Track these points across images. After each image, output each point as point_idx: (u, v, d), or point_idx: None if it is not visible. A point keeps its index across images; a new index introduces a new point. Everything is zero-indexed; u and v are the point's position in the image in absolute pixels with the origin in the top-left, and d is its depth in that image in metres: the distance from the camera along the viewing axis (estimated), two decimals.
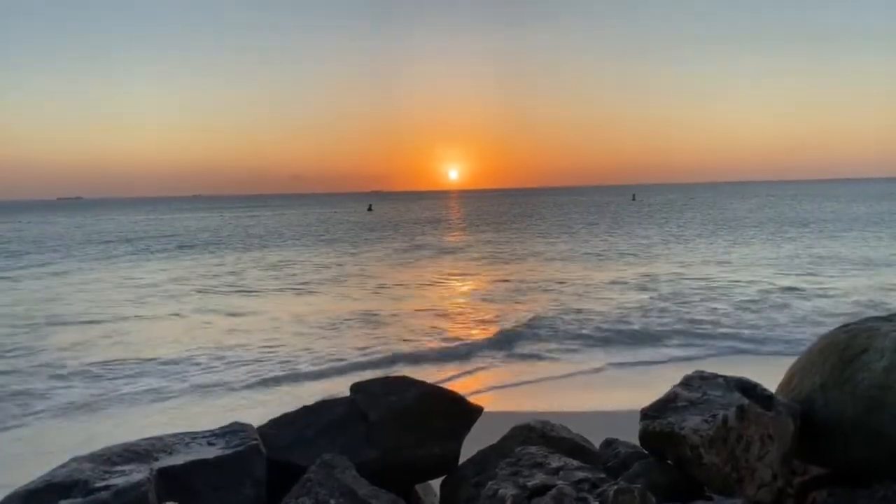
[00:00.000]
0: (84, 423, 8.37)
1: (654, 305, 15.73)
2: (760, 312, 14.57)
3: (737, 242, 32.21)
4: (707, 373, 3.38)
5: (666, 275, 21.15)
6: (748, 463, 2.91)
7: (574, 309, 15.55)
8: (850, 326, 3.48)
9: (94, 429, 8.09)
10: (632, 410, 3.41)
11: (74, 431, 8.06)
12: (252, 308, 17.10)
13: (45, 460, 3.37)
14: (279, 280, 22.85)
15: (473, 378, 10.47)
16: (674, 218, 56.08)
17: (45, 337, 13.67)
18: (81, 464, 2.75)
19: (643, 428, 3.10)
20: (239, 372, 10.55)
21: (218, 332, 13.87)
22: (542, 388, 9.72)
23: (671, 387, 3.28)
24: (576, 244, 34.13)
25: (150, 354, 11.82)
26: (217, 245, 39.57)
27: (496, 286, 20.45)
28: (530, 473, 2.86)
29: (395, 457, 3.32)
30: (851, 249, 26.99)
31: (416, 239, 41.32)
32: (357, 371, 10.42)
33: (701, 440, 2.86)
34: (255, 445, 3.06)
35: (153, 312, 16.64)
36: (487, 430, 3.69)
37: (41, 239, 49.00)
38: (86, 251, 36.82)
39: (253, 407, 8.69)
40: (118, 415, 8.69)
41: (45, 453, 6.68)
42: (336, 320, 14.96)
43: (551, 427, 3.53)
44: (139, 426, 7.94)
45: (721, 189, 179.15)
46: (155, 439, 3.07)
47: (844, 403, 3.12)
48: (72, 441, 7.28)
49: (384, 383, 3.53)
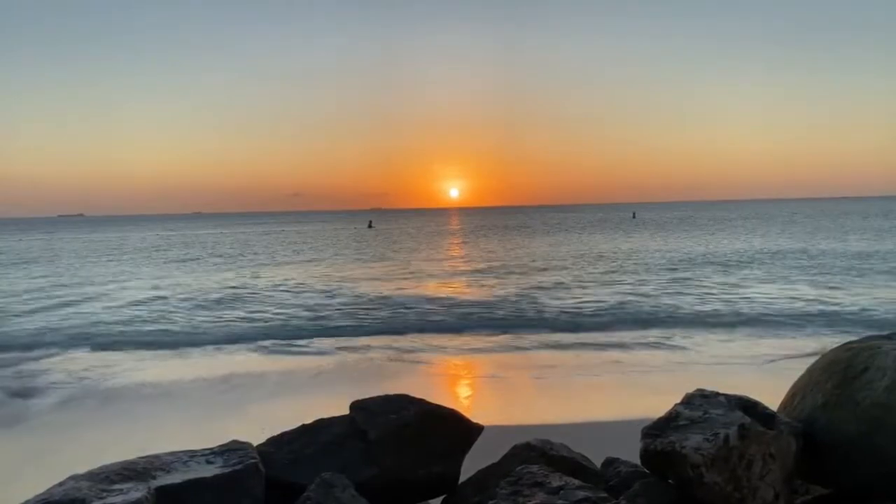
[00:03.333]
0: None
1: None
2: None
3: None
4: (708, 391, 3.37)
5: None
6: (750, 482, 2.89)
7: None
8: (852, 345, 3.47)
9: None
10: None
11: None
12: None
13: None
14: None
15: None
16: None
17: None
18: (79, 482, 2.74)
19: (644, 447, 3.09)
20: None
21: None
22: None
23: (673, 405, 3.27)
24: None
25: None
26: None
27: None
28: (531, 493, 2.84)
29: (394, 475, 3.30)
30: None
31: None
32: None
33: (702, 459, 2.84)
34: (253, 464, 3.05)
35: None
36: (487, 444, 3.68)
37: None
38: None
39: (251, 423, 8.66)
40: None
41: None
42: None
43: (552, 446, 3.52)
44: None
45: (729, 207, 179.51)
46: (153, 457, 3.06)
47: (846, 423, 3.11)
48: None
49: (384, 401, 3.52)
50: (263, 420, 8.85)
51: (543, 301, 18.08)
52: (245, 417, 9.01)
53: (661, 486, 3.04)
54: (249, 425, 8.65)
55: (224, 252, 44.42)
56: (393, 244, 50.92)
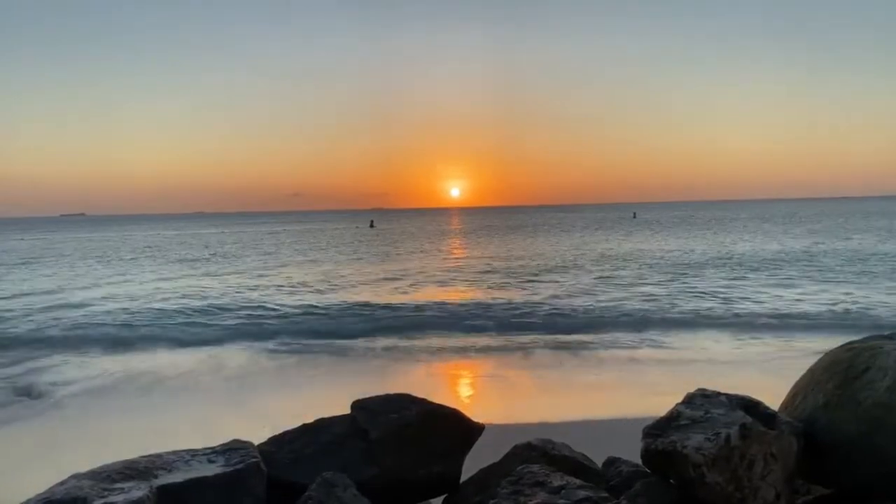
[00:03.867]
0: None
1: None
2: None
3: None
4: (709, 391, 3.36)
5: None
6: (751, 482, 2.89)
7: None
8: (854, 345, 3.47)
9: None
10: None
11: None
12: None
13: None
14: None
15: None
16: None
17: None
18: (80, 481, 2.74)
19: (645, 447, 3.08)
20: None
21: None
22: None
23: (674, 405, 3.27)
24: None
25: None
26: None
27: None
28: (532, 493, 2.85)
29: (395, 475, 3.30)
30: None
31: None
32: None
33: (703, 459, 2.84)
34: (255, 463, 3.05)
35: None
36: (488, 444, 3.68)
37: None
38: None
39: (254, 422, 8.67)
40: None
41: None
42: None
43: (553, 446, 3.52)
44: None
45: (730, 207, 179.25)
46: (154, 456, 3.06)
47: (847, 423, 3.10)
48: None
49: (385, 401, 3.52)
50: (265, 419, 8.86)
51: (544, 301, 18.11)
52: (246, 416, 9.02)
53: (663, 486, 3.04)
54: (251, 424, 8.66)
55: (225, 252, 44.47)
56: (395, 244, 50.97)
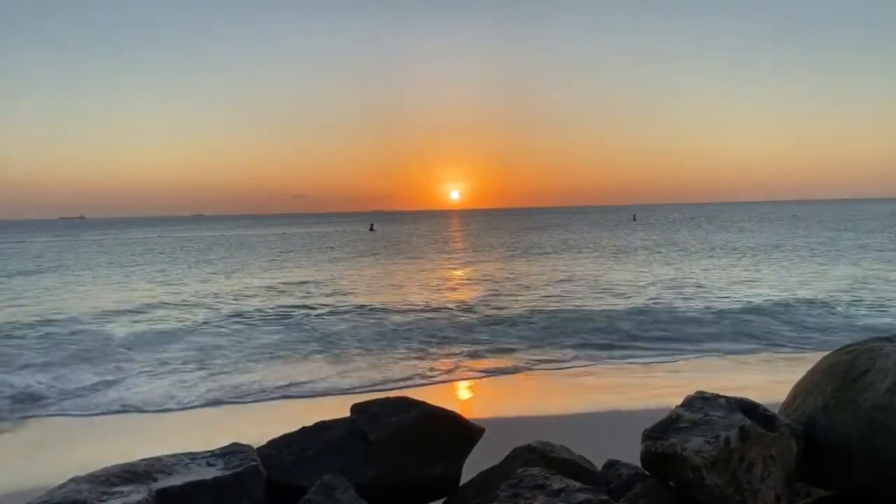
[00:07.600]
0: None
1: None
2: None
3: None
4: (708, 393, 3.36)
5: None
6: (751, 485, 2.89)
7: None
8: (853, 347, 3.47)
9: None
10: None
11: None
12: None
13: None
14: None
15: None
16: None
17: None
18: (80, 485, 2.74)
19: (645, 449, 3.09)
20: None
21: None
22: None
23: (674, 407, 3.27)
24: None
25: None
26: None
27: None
28: (532, 495, 2.84)
29: (395, 478, 3.30)
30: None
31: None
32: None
33: (703, 461, 2.84)
34: (254, 466, 3.05)
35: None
36: (488, 446, 3.68)
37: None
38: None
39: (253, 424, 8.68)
40: None
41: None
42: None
43: (552, 448, 3.52)
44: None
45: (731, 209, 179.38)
46: (154, 460, 3.06)
47: (847, 425, 3.10)
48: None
49: (385, 404, 3.52)
50: (264, 422, 8.88)
51: (544, 302, 18.13)
52: (246, 419, 9.02)
53: (662, 489, 3.04)
54: (250, 427, 8.66)
55: (224, 255, 44.49)
56: (394, 247, 50.97)
